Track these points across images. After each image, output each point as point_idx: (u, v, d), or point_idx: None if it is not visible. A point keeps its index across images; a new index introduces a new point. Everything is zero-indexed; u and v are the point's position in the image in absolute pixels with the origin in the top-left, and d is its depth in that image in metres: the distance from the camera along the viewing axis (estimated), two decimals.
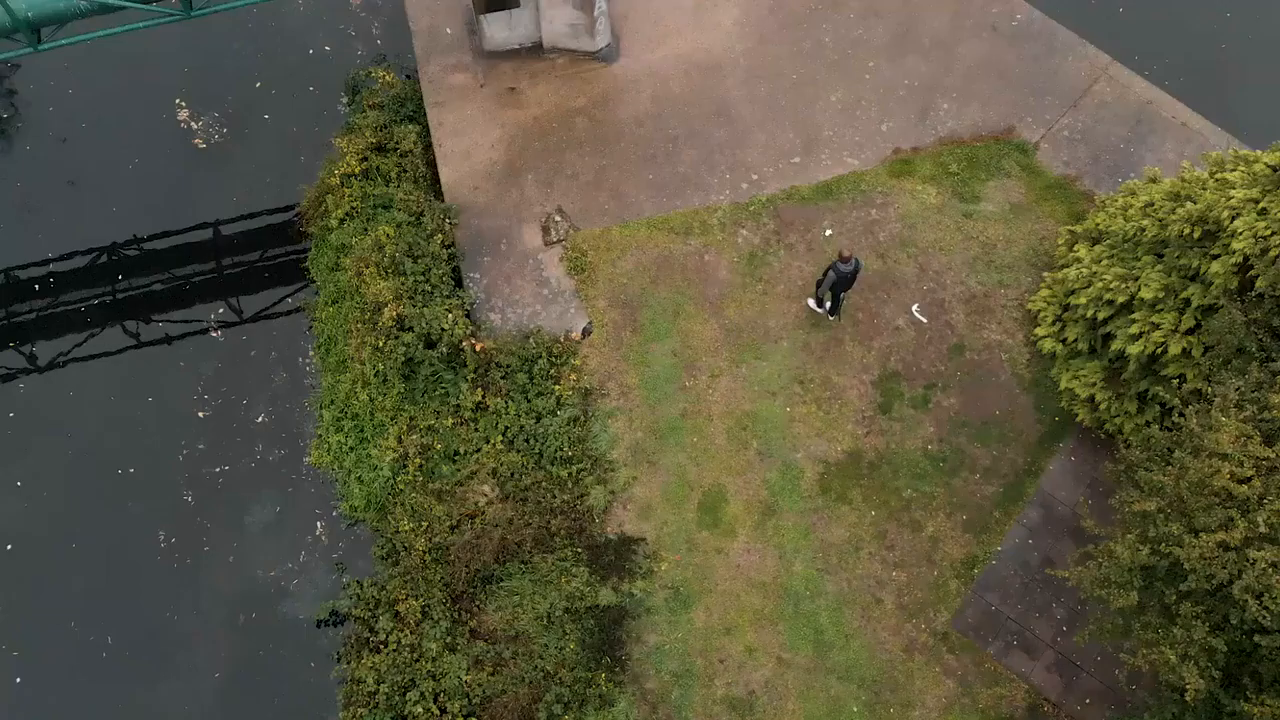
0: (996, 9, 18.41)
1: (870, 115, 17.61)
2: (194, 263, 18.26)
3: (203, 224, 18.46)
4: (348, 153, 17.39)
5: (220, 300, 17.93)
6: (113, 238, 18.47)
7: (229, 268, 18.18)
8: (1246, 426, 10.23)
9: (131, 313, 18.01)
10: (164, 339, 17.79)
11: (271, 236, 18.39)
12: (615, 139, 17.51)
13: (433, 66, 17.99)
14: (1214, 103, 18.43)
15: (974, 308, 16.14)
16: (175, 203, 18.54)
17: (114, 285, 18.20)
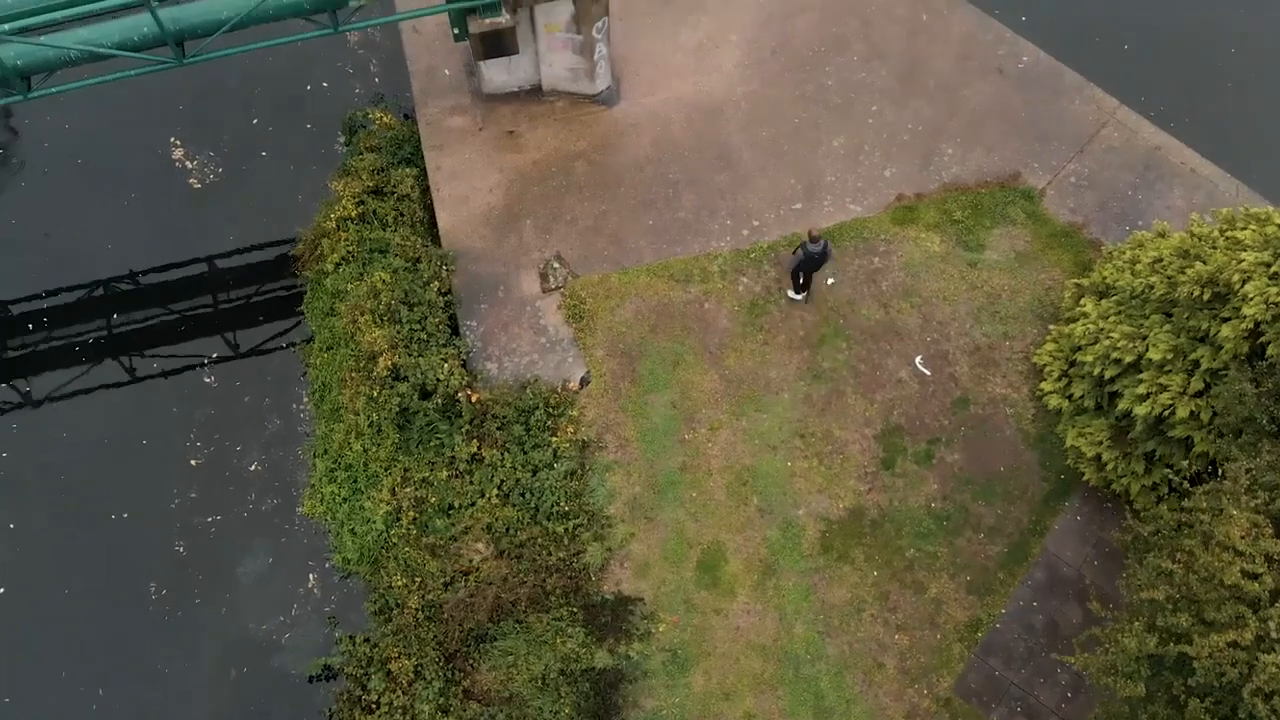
0: (1003, 51, 18.17)
1: (873, 160, 17.36)
2: (188, 304, 18.01)
3: (197, 266, 18.22)
4: (344, 196, 17.18)
5: (214, 343, 17.67)
6: (106, 278, 18.27)
7: (223, 310, 17.93)
8: (1258, 518, 9.95)
9: (124, 354, 17.76)
10: (157, 382, 17.52)
11: (267, 279, 18.16)
12: (615, 184, 17.28)
13: (431, 109, 17.78)
14: (1222, 145, 18.16)
15: (978, 360, 15.88)
16: (169, 244, 18.31)
17: (107, 325, 17.95)
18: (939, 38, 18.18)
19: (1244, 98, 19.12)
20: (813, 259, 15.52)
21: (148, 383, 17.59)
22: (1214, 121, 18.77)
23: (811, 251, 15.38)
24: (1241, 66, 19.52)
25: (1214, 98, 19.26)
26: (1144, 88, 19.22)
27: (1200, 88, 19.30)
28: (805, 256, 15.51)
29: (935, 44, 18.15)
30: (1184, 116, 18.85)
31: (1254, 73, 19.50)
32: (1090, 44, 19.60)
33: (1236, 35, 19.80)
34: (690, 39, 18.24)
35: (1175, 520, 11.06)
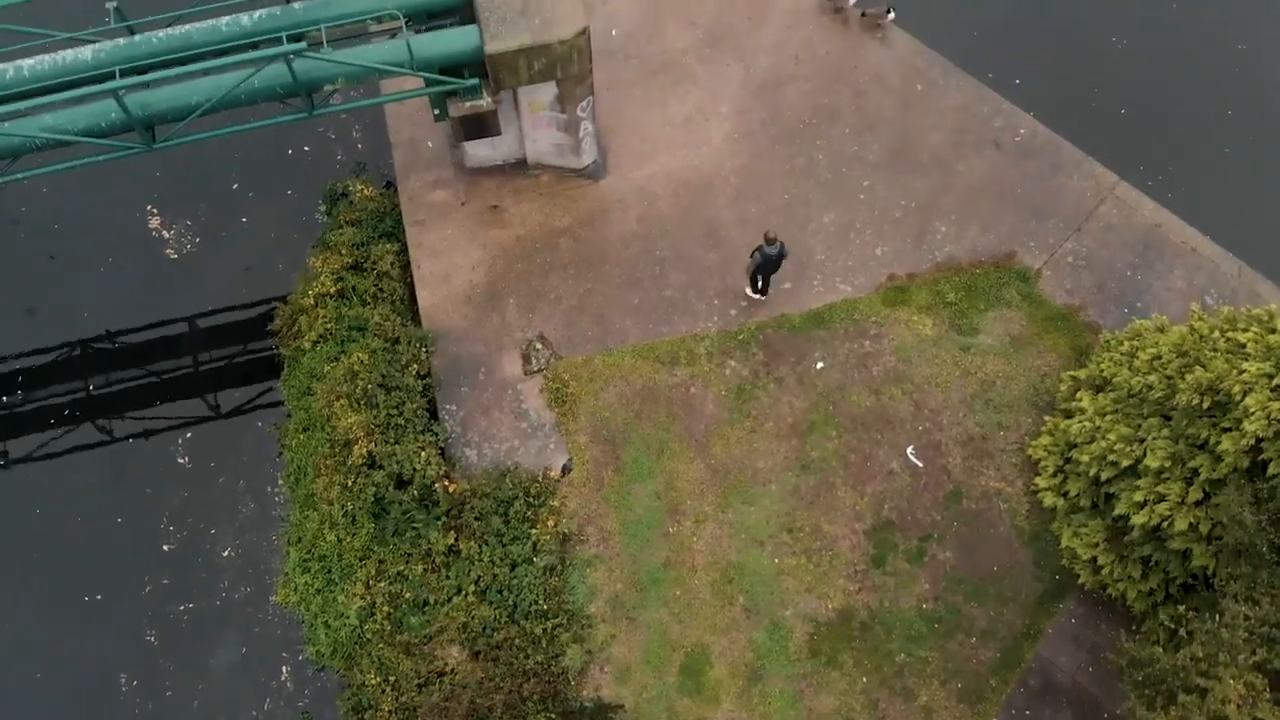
0: (999, 123, 17.74)
1: (864, 238, 16.94)
2: (163, 380, 17.61)
3: (172, 339, 17.85)
4: (323, 272, 16.77)
5: (189, 423, 17.25)
6: (79, 349, 17.89)
7: (199, 386, 17.52)
8: (1255, 679, 9.49)
9: (97, 431, 17.35)
10: (131, 460, 17.11)
11: (243, 354, 17.76)
12: (600, 261, 16.86)
13: (413, 182, 17.37)
14: (1224, 220, 17.74)
15: (972, 451, 15.42)
16: (143, 317, 17.94)
17: (79, 400, 17.55)
18: (933, 109, 17.78)
19: (1246, 172, 18.71)
20: (770, 261, 15.65)
21: (122, 460, 17.17)
22: (1215, 195, 18.37)
23: (769, 254, 15.51)
24: (1243, 138, 19.13)
25: (1215, 170, 18.88)
26: (1143, 156, 18.86)
27: (1200, 160, 18.92)
28: (763, 259, 15.59)
29: (929, 116, 17.75)
30: (1184, 189, 18.49)
31: (1256, 145, 19.12)
32: (1088, 112, 19.24)
33: (1237, 104, 19.46)
34: (679, 110, 17.86)
35: (1172, 664, 10.59)
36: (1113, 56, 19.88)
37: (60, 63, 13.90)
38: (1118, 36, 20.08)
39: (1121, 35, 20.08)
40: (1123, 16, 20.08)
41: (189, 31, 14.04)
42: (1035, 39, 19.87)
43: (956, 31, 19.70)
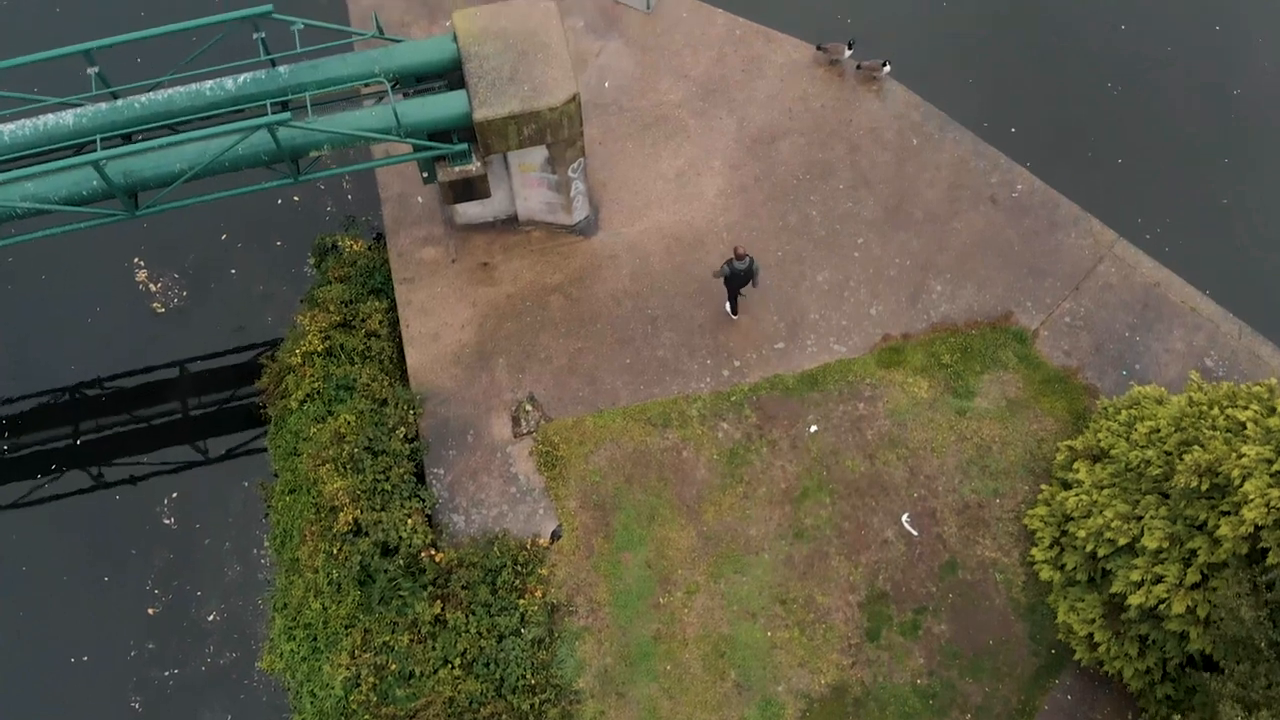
0: (995, 179, 17.54)
1: (859, 297, 16.73)
2: (148, 439, 17.37)
3: (157, 397, 17.62)
4: (310, 331, 16.56)
5: (175, 481, 17.02)
6: (63, 407, 17.64)
7: (184, 446, 17.26)
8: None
9: (81, 490, 17.11)
10: (116, 520, 16.85)
11: (230, 412, 17.50)
12: (592, 319, 16.65)
13: (402, 239, 17.17)
14: (1223, 276, 17.59)
15: (967, 519, 15.19)
16: (128, 373, 17.70)
17: (61, 456, 17.31)
18: (929, 164, 17.57)
19: (1244, 225, 18.48)
20: (739, 276, 15.63)
21: (106, 519, 16.91)
22: (1214, 250, 18.16)
23: (738, 269, 15.50)
24: (1240, 188, 18.91)
25: (1213, 222, 18.64)
26: (1140, 208, 18.65)
27: (1198, 211, 18.68)
28: (732, 273, 15.59)
29: (925, 171, 17.54)
30: (1183, 243, 18.27)
31: (1254, 195, 18.90)
32: (1085, 162, 19.04)
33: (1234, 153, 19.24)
34: (671, 165, 17.65)
35: None
36: (1108, 103, 19.68)
37: (41, 128, 13.73)
38: (1113, 83, 19.91)
39: (1117, 82, 19.90)
40: (1117, 62, 19.91)
41: (172, 96, 13.87)
42: (1030, 86, 19.66)
43: (952, 81, 19.48)
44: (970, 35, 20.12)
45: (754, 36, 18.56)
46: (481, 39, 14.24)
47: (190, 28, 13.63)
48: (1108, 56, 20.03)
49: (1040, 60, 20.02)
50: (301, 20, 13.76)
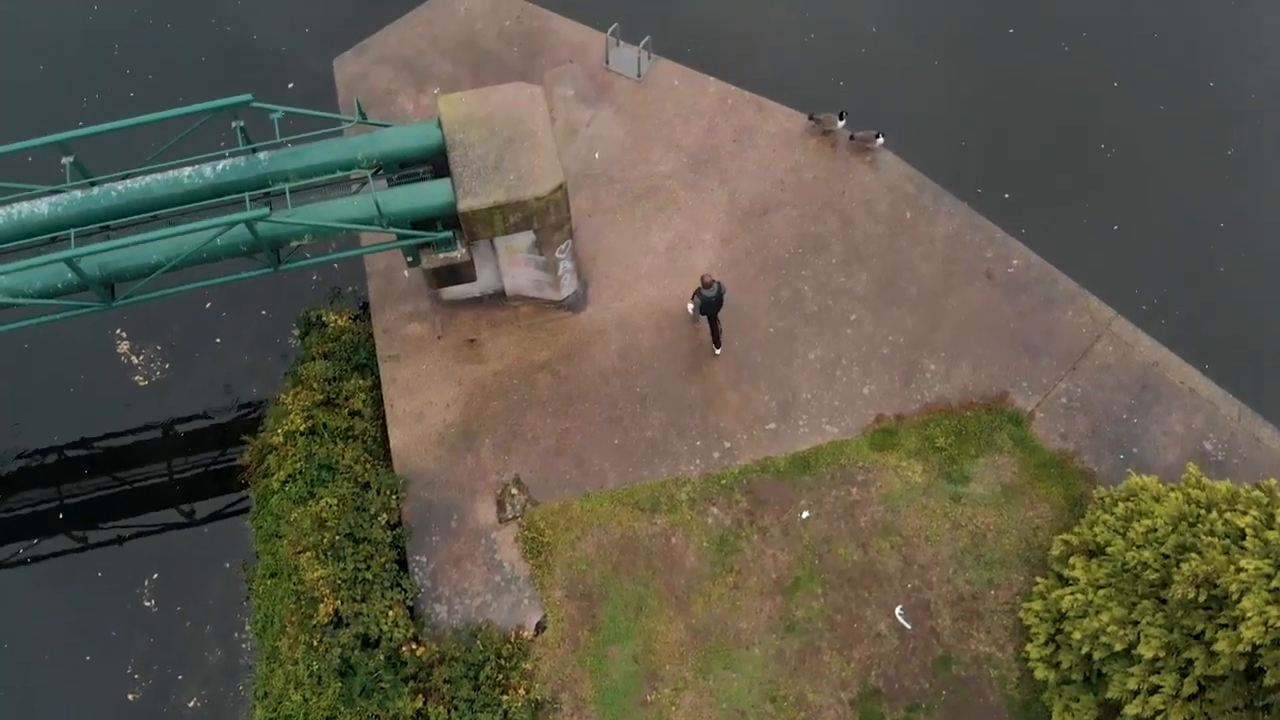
0: (991, 254, 17.26)
1: (851, 376, 16.43)
2: (128, 517, 17.06)
3: (138, 474, 17.33)
4: (293, 409, 16.26)
5: (155, 560, 16.72)
6: (41, 481, 17.36)
7: (165, 524, 16.96)
8: None
9: (59, 570, 16.84)
10: (95, 598, 16.60)
11: (212, 490, 17.19)
12: (580, 398, 16.36)
13: (388, 314, 16.89)
14: (1222, 354, 17.31)
15: (962, 611, 14.85)
16: (108, 448, 17.44)
17: (39, 532, 17.03)
18: (923, 238, 17.30)
19: (1243, 296, 18.23)
20: (710, 303, 15.71)
21: (86, 598, 16.63)
22: (1212, 321, 17.90)
23: (707, 296, 15.59)
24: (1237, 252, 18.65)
25: (1210, 291, 18.38)
26: (1136, 276, 18.41)
27: (1195, 279, 18.44)
28: (704, 302, 15.70)
29: (919, 245, 17.26)
30: (1180, 315, 18.04)
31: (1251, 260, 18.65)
32: (1079, 229, 18.80)
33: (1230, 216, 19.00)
34: (662, 238, 17.38)
35: None
36: (1102, 165, 19.44)
37: (15, 218, 13.48)
38: (1106, 144, 19.67)
39: (1111, 143, 19.66)
40: (1111, 122, 19.71)
41: (150, 184, 13.61)
42: (1023, 149, 19.47)
43: (945, 147, 19.27)
44: (962, 100, 19.93)
45: (746, 106, 18.32)
46: (466, 125, 13.98)
47: (169, 118, 13.37)
48: (1101, 116, 19.83)
49: (1033, 122, 19.79)
50: (282, 108, 13.52)
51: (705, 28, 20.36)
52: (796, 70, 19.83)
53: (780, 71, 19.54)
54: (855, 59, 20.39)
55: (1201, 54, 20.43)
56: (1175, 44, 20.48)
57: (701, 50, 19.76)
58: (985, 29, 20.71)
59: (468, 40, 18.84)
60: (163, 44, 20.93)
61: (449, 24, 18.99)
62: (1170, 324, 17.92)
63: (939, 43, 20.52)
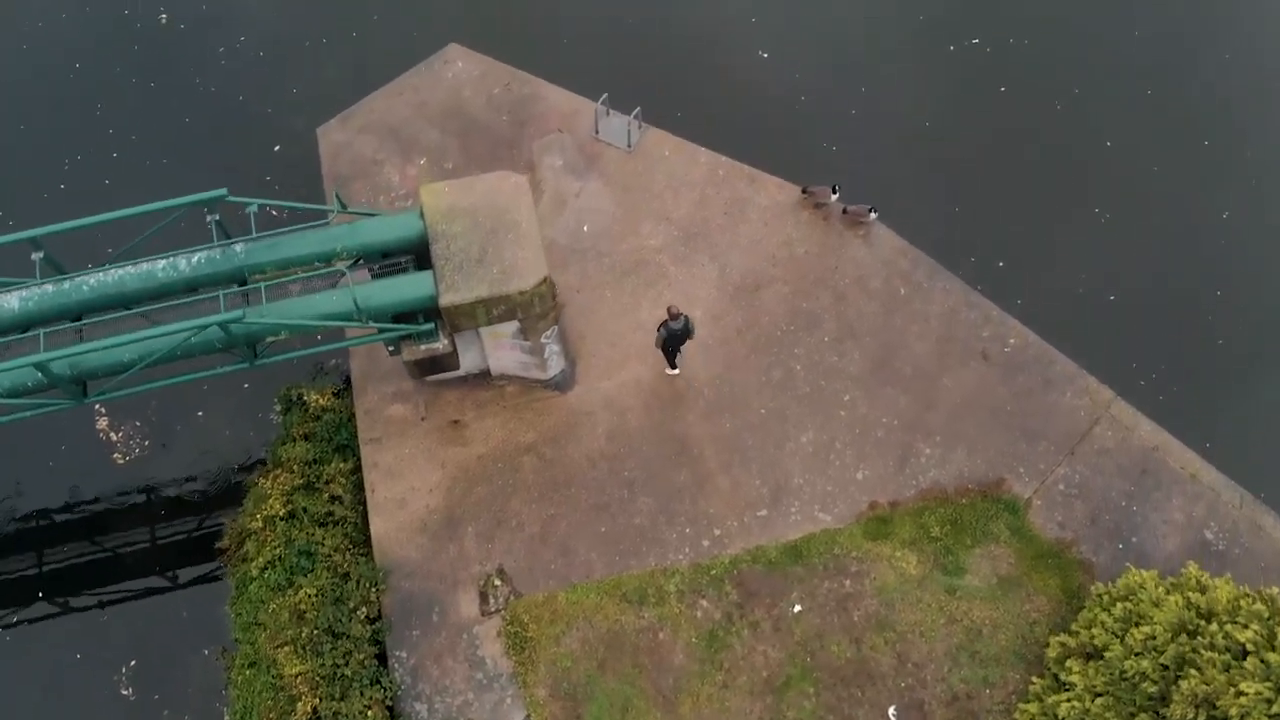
0: (987, 333, 16.90)
1: (845, 460, 16.06)
2: (104, 601, 16.65)
3: (114, 555, 16.95)
4: (272, 494, 15.90)
5: (132, 648, 16.32)
6: (14, 562, 16.95)
7: (143, 608, 16.57)
8: None
9: (36, 653, 16.41)
10: (72, 688, 16.18)
11: (192, 571, 16.81)
12: (566, 483, 15.98)
13: (370, 395, 16.53)
14: (1223, 437, 16.98)
15: (956, 712, 14.43)
16: (85, 528, 17.06)
17: (14, 612, 16.62)
18: (918, 316, 16.94)
19: (1242, 372, 17.90)
20: (675, 335, 15.70)
21: (63, 684, 16.24)
22: (1213, 406, 17.57)
23: (674, 329, 15.58)
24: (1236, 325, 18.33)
25: (1209, 367, 18.07)
26: (1133, 351, 18.11)
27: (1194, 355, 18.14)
28: (669, 334, 15.67)
29: (914, 323, 16.90)
30: (1178, 391, 17.73)
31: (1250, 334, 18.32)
32: (1075, 300, 18.50)
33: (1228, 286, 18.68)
34: (651, 315, 16.94)
35: None
36: (1097, 231, 19.14)
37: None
38: (1100, 209, 19.36)
39: (1105, 207, 19.35)
40: (1105, 184, 19.40)
41: (123, 277, 13.25)
42: (1016, 212, 19.19)
43: (936, 213, 18.99)
44: (954, 161, 19.66)
45: (737, 177, 17.99)
46: (449, 217, 13.64)
47: (141, 213, 12.98)
48: (1095, 178, 19.53)
49: (1025, 184, 19.51)
50: (257, 201, 13.17)
51: (696, 91, 20.06)
52: (787, 134, 19.56)
53: (773, 141, 19.21)
54: (846, 119, 20.10)
55: (1197, 113, 20.14)
56: (1170, 102, 20.19)
57: (691, 114, 19.47)
58: (976, 86, 20.44)
59: (455, 108, 18.52)
60: (146, 104, 20.63)
61: (436, 91, 18.67)
62: (1169, 399, 17.61)
63: (930, 101, 20.24)
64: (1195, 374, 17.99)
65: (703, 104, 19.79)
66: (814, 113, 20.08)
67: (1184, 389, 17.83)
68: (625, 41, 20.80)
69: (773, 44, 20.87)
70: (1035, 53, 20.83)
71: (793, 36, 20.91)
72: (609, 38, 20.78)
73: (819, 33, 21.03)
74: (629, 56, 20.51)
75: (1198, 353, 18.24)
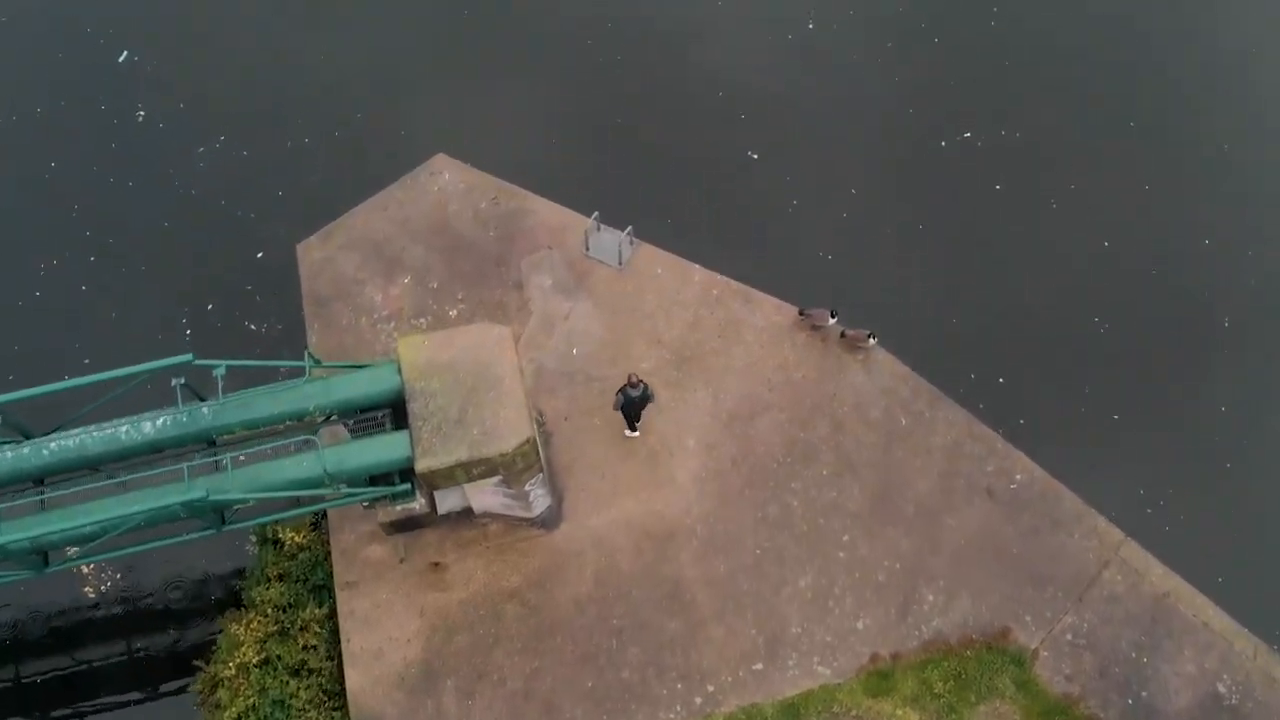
0: (992, 467, 16.22)
1: (844, 607, 15.36)
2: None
3: (86, 697, 16.23)
4: (245, 640, 15.22)
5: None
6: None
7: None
8: None
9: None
10: None
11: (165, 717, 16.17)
12: (551, 631, 15.26)
13: (346, 535, 15.82)
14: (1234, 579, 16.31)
15: None
16: (54, 666, 16.32)
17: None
18: (919, 448, 16.27)
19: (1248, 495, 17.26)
20: (634, 402, 15.71)
21: None
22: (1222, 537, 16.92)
23: (632, 396, 15.59)
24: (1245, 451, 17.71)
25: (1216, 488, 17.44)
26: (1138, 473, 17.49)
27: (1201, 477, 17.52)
28: (627, 400, 15.66)
29: (915, 456, 16.23)
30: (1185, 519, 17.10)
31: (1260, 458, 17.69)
32: (1079, 418, 17.87)
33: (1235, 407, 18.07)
34: (643, 444, 16.33)
35: None
36: (1096, 342, 18.55)
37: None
38: (1100, 318, 18.74)
39: (1104, 318, 18.72)
40: (1102, 291, 18.83)
41: (84, 442, 12.56)
42: (1014, 325, 18.64)
43: (933, 328, 18.44)
44: (949, 270, 19.09)
45: (732, 297, 17.35)
46: (428, 373, 12.99)
47: (106, 379, 12.27)
48: (1092, 285, 18.93)
49: (1021, 293, 18.94)
50: (225, 363, 12.47)
51: (685, 198, 19.50)
52: (781, 244, 18.99)
53: (769, 258, 18.61)
54: (839, 223, 19.48)
55: (1196, 211, 19.55)
56: (1166, 200, 19.58)
57: (680, 221, 18.95)
58: (971, 184, 19.85)
59: (441, 223, 17.90)
60: (124, 205, 20.01)
61: (421, 205, 18.04)
62: (1175, 529, 16.96)
63: (924, 201, 19.64)
64: (1202, 500, 17.33)
65: (691, 209, 19.29)
66: (807, 220, 19.46)
67: (1191, 519, 17.16)
68: (613, 142, 20.19)
69: (761, 145, 20.27)
70: (1027, 146, 20.24)
71: (780, 135, 20.31)
72: (597, 145, 20.13)
73: (807, 130, 20.40)
74: (617, 159, 19.94)
75: (1205, 479, 17.60)
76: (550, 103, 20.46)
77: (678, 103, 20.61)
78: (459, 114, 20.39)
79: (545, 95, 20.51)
